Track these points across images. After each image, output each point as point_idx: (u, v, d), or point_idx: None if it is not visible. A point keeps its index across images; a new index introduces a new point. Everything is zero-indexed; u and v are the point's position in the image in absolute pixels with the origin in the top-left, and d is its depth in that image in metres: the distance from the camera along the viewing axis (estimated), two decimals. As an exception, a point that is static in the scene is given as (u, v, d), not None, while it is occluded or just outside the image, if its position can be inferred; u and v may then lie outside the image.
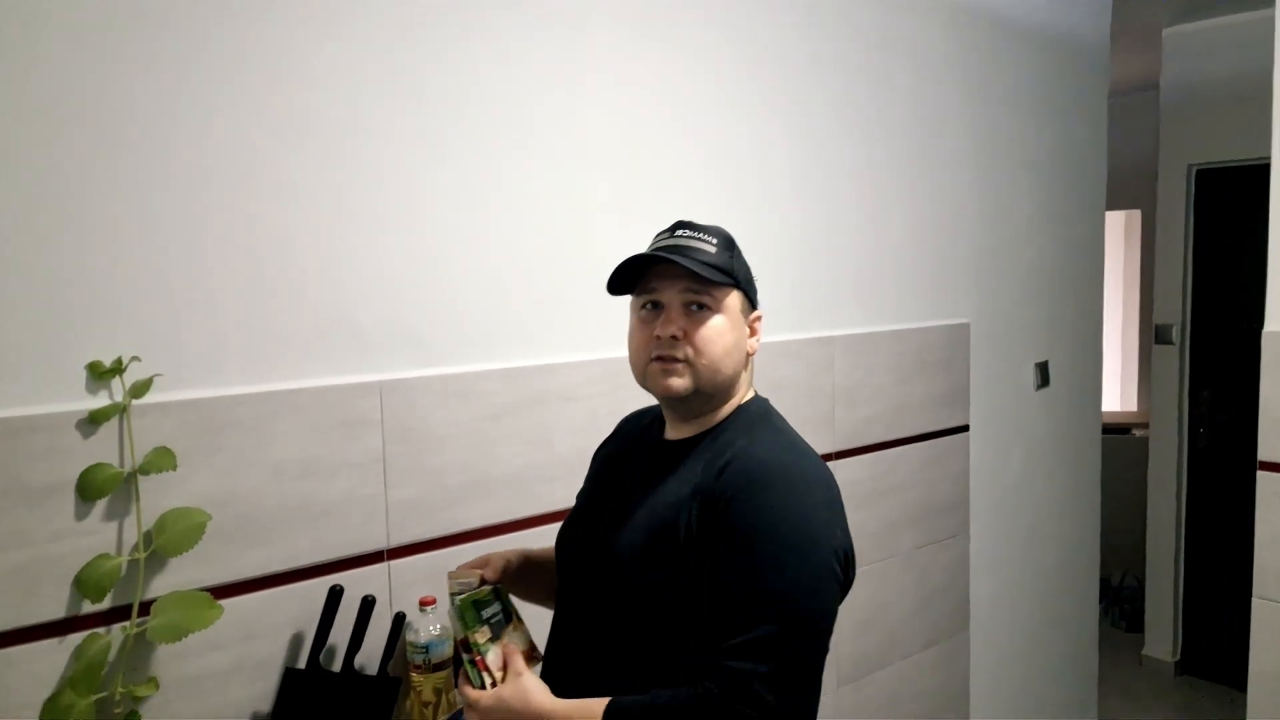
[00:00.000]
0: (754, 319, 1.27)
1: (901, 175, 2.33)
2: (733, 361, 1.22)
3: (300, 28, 1.42)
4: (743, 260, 1.27)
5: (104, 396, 1.28)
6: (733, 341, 1.21)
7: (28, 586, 1.23)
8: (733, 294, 1.22)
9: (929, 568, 2.44)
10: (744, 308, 1.25)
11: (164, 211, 1.32)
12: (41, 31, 1.22)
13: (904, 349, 2.34)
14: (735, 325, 1.22)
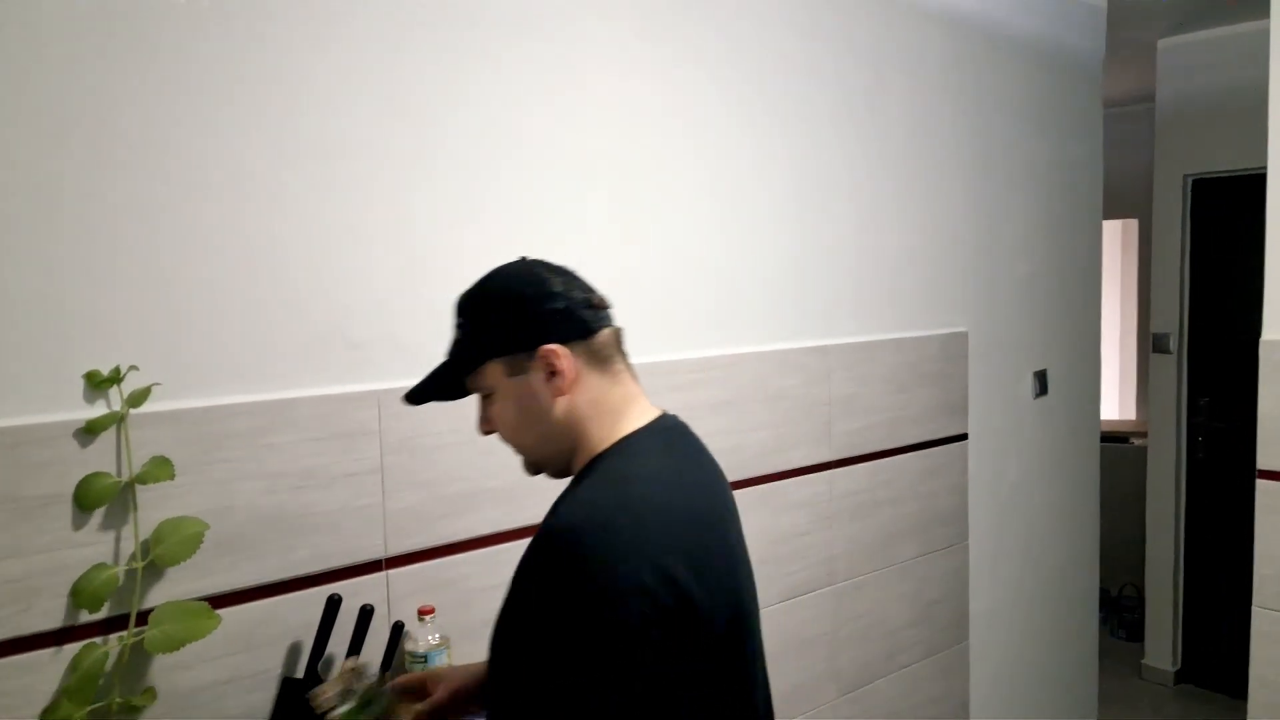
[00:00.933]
0: (542, 355, 1.06)
1: (898, 186, 2.34)
2: (534, 429, 1.09)
3: (295, 47, 1.43)
4: (495, 309, 1.10)
5: (101, 406, 1.29)
6: (516, 412, 1.08)
7: (24, 597, 1.23)
8: (487, 369, 1.09)
9: (928, 577, 2.44)
10: (511, 366, 1.08)
11: (162, 223, 1.33)
12: (41, 43, 1.23)
13: (901, 358, 2.35)
14: (511, 395, 1.08)
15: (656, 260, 1.89)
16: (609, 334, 1.11)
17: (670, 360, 1.89)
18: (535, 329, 1.07)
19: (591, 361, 1.08)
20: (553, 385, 1.06)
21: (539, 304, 1.07)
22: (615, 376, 1.10)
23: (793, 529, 2.13)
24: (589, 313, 1.09)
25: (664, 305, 1.90)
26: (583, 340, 1.07)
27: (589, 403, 1.07)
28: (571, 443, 1.08)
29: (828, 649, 2.21)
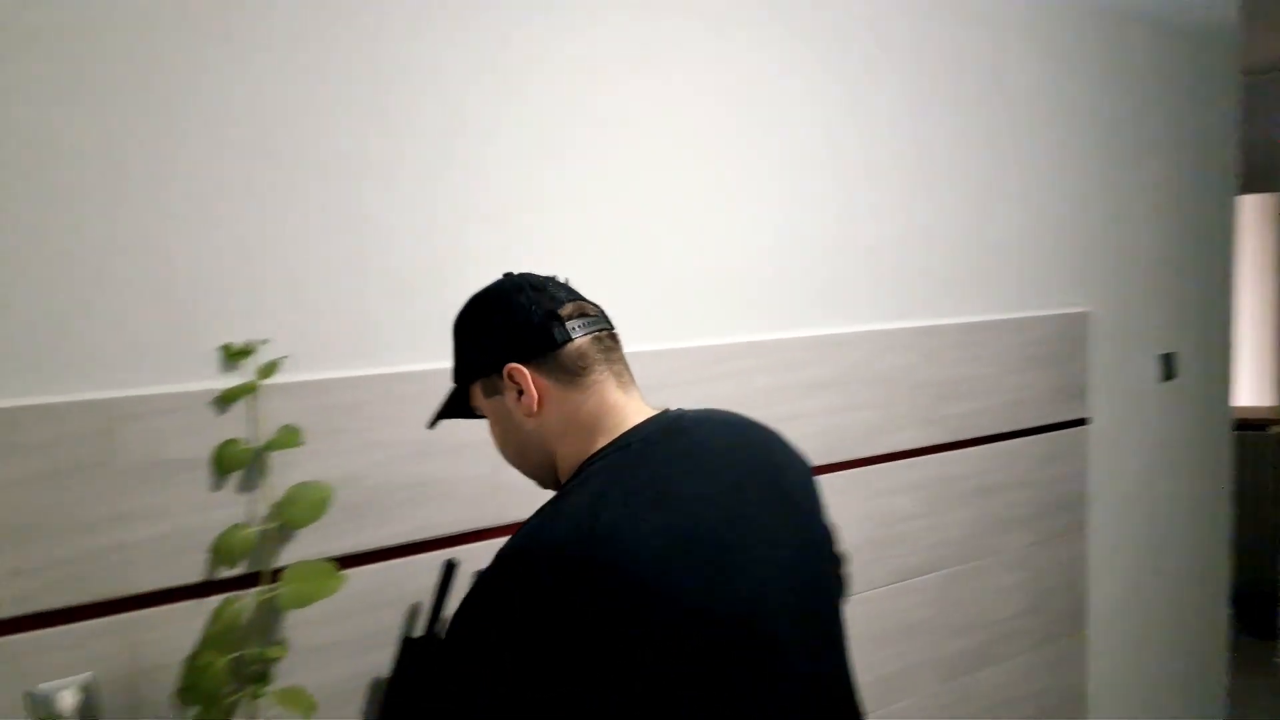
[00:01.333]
0: (506, 375, 1.07)
1: (1017, 158, 2.26)
2: (512, 446, 1.13)
3: (409, 32, 1.49)
4: (467, 333, 1.15)
5: (235, 377, 1.38)
6: (499, 431, 1.14)
7: (170, 553, 1.33)
8: (474, 389, 1.14)
9: (1042, 567, 2.37)
10: (486, 386, 1.11)
11: (287, 206, 1.41)
12: (161, 29, 1.32)
13: (1017, 339, 2.28)
14: (492, 413, 1.13)
15: (755, 239, 1.89)
16: (583, 344, 1.07)
17: (769, 340, 1.89)
18: (499, 349, 1.08)
19: (560, 376, 1.06)
20: (522, 404, 1.07)
21: (502, 323, 1.09)
22: (588, 389, 1.07)
23: (898, 513, 2.10)
24: (555, 325, 1.06)
25: (762, 285, 1.90)
26: (549, 356, 1.06)
27: (561, 419, 1.07)
28: (549, 459, 1.09)
29: (932, 636, 2.18)
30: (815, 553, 1.08)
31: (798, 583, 1.02)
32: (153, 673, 1.33)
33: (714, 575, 0.94)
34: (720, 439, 1.07)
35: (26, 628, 1.24)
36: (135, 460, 1.30)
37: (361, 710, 1.48)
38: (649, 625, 0.89)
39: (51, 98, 1.24)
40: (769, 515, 1.03)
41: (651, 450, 1.02)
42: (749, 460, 1.06)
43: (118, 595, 1.30)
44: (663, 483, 0.99)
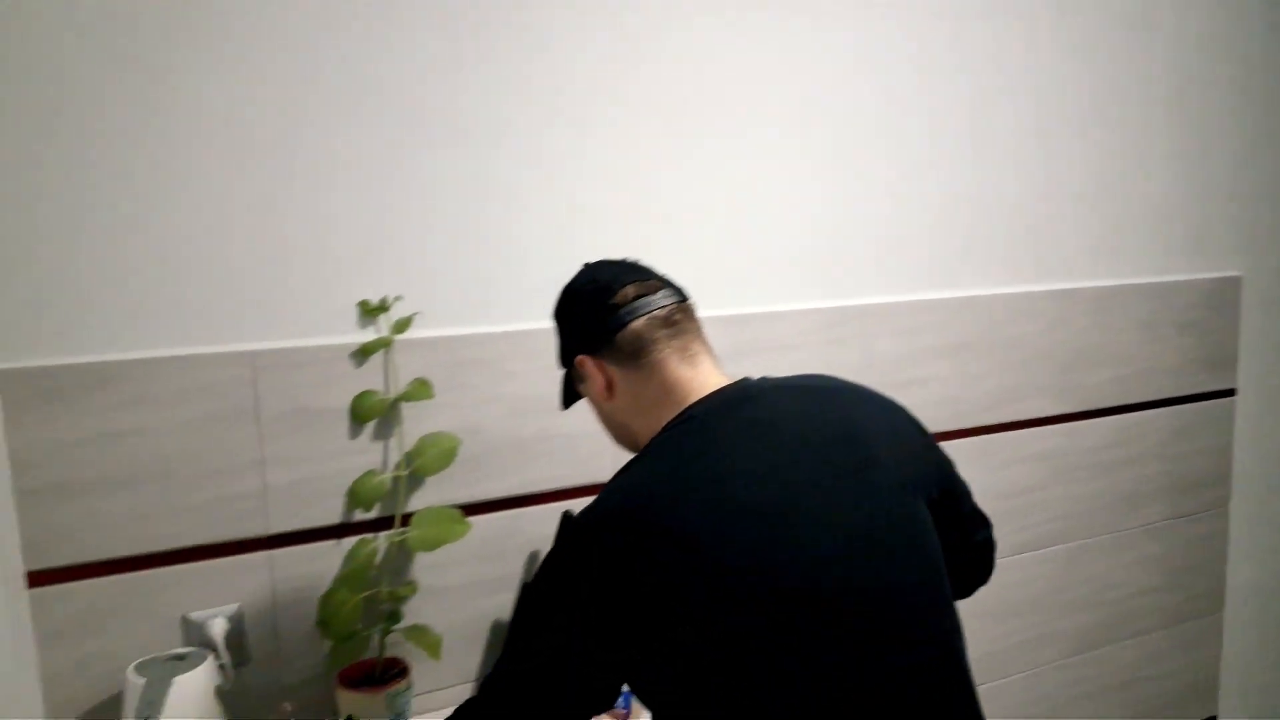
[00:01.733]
0: (578, 366, 1.14)
1: (1166, 115, 2.13)
2: (608, 427, 1.19)
3: (548, 1, 1.51)
4: (559, 326, 1.19)
5: (371, 332, 1.45)
6: (596, 413, 1.19)
7: (311, 495, 1.42)
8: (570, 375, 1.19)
9: (1176, 543, 2.26)
10: (576, 373, 1.16)
11: (422, 169, 1.46)
12: (323, 4, 1.38)
13: (1158, 304, 2.16)
14: (588, 396, 1.18)
15: (879, 199, 1.84)
16: (639, 326, 1.08)
17: (890, 303, 1.85)
18: (572, 341, 1.15)
19: (622, 361, 1.10)
20: (598, 391, 1.14)
21: (572, 317, 1.16)
22: (650, 370, 1.08)
23: (1021, 484, 2.04)
24: (609, 315, 1.09)
25: (885, 245, 1.86)
26: (609, 342, 1.10)
27: (631, 401, 1.11)
28: (633, 436, 1.13)
29: (1052, 610, 2.11)
30: (893, 522, 1.01)
31: (863, 554, 0.97)
32: (293, 606, 1.42)
33: (764, 548, 0.93)
34: (791, 408, 1.05)
35: (183, 560, 1.35)
36: (278, 408, 1.38)
37: (484, 651, 1.56)
38: (697, 599, 0.90)
39: (207, 67, 1.32)
40: (835, 487, 0.99)
41: (710, 424, 1.02)
42: (821, 430, 1.03)
43: (263, 534, 1.39)
44: (717, 456, 0.98)
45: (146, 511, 1.32)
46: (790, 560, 0.93)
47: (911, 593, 0.99)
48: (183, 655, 1.27)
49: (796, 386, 1.09)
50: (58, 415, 1.26)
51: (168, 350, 1.33)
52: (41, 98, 1.23)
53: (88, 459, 1.28)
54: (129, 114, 1.28)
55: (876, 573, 0.97)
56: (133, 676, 1.22)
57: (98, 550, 1.30)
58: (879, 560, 0.98)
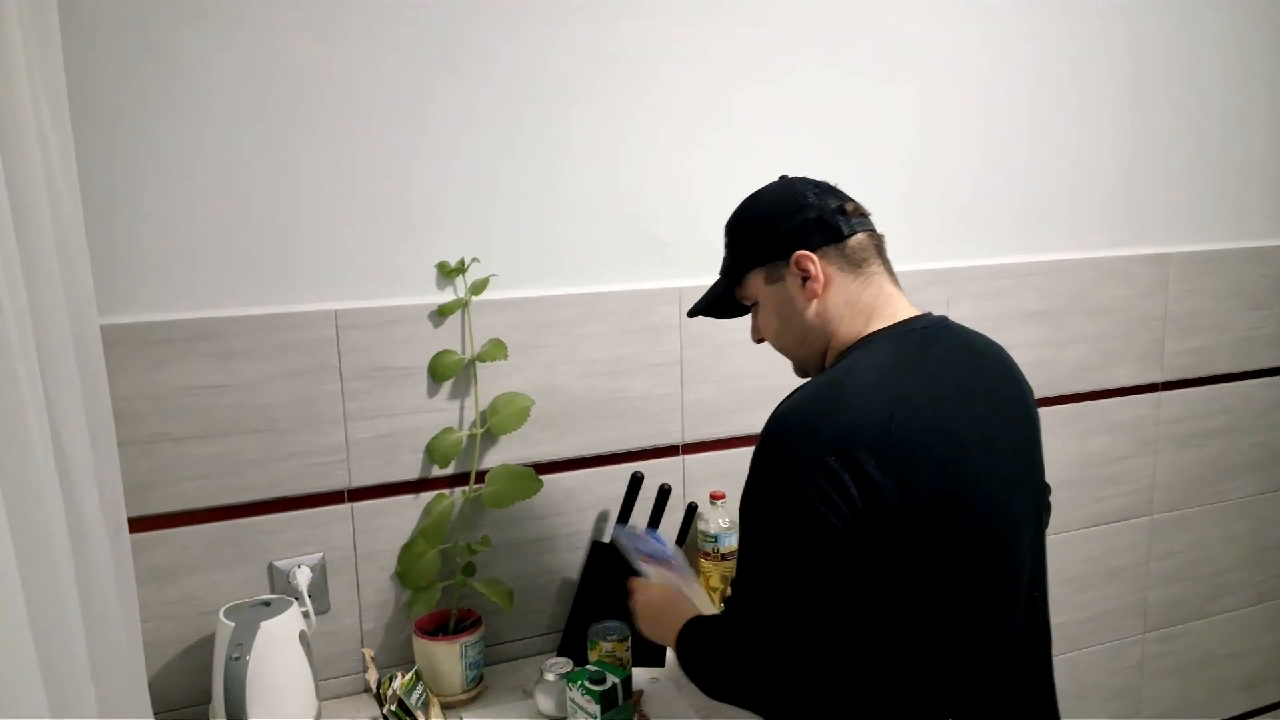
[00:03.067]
0: (795, 260, 1.11)
1: (1264, 70, 2.00)
2: (790, 334, 1.16)
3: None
4: (750, 225, 1.17)
5: (449, 293, 1.47)
6: (777, 320, 1.16)
7: (391, 450, 1.46)
8: (749, 281, 1.17)
9: (1268, 518, 2.18)
10: (769, 274, 1.15)
11: (499, 133, 1.46)
12: (403, -34, 1.38)
13: (1259, 271, 2.06)
14: (770, 302, 1.16)
15: (965, 159, 1.78)
16: (863, 239, 1.13)
17: (976, 266, 1.80)
18: (789, 238, 1.13)
19: (844, 265, 1.12)
20: (807, 289, 1.12)
21: (792, 215, 1.13)
22: (868, 278, 1.12)
23: (1109, 453, 1.98)
24: (841, 219, 1.12)
25: (970, 207, 1.80)
26: (835, 244, 1.11)
27: (842, 303, 1.12)
28: (825, 341, 1.13)
29: (1136, 582, 2.06)
30: (1040, 475, 1.16)
31: (1032, 497, 1.12)
32: (372, 557, 1.47)
33: (980, 463, 1.03)
34: (984, 347, 1.15)
35: (271, 511, 1.41)
36: (361, 366, 1.42)
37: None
38: (921, 487, 0.98)
39: (315, 33, 1.34)
40: (1016, 429, 1.12)
41: (930, 339, 1.09)
42: (1002, 373, 1.15)
43: (345, 487, 1.44)
44: (940, 370, 1.06)
45: (237, 463, 1.37)
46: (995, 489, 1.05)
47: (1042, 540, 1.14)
48: (269, 601, 1.33)
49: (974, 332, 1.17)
50: (157, 369, 1.32)
51: (259, 309, 1.37)
52: (151, 73, 1.27)
53: (183, 411, 1.34)
54: (234, 90, 1.31)
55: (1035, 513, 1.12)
56: (223, 620, 1.28)
57: (192, 499, 1.36)
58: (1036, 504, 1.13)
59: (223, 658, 1.25)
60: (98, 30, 1.25)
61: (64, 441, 0.94)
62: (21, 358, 0.80)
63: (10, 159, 0.89)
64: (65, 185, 1.04)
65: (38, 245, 0.93)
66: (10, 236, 0.82)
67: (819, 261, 1.11)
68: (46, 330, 0.93)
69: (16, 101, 0.90)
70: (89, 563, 0.97)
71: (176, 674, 1.38)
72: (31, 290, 0.90)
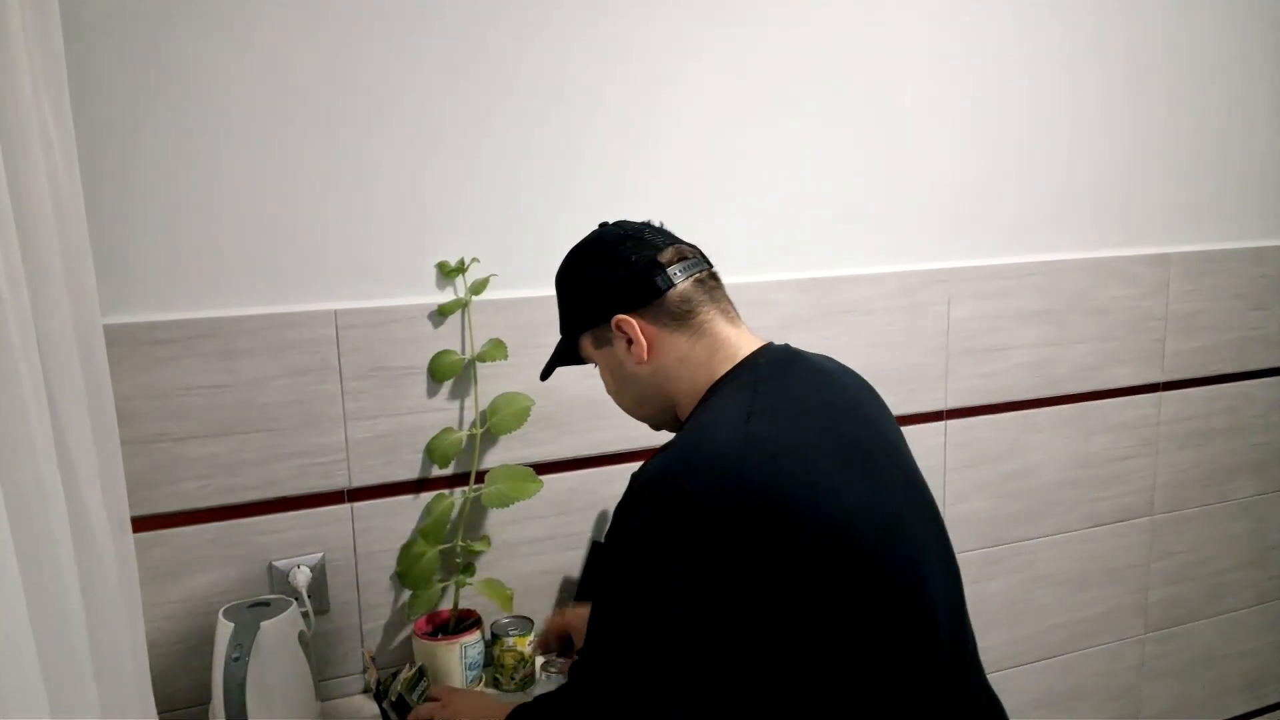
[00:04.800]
0: (615, 326, 1.07)
1: (1264, 68, 2.00)
2: (628, 393, 1.12)
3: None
4: (571, 286, 1.13)
5: (449, 293, 1.47)
6: (615, 382, 1.12)
7: (390, 450, 1.46)
8: (583, 340, 1.13)
9: (1269, 519, 2.18)
10: (595, 337, 1.11)
11: (499, 133, 1.46)
12: (403, -34, 1.38)
13: (1260, 270, 2.06)
14: (604, 363, 1.12)
15: (964, 158, 1.78)
16: (686, 288, 1.07)
17: (976, 266, 1.80)
18: (607, 301, 1.08)
19: (668, 321, 1.06)
20: (633, 353, 1.07)
21: (608, 277, 1.08)
22: (698, 330, 1.07)
23: (1108, 453, 1.98)
24: (658, 274, 1.06)
25: (970, 207, 1.80)
26: (654, 302, 1.06)
27: (675, 361, 1.07)
28: (667, 400, 1.09)
29: (1136, 582, 2.06)
30: (925, 486, 1.09)
31: (922, 501, 1.06)
32: (372, 557, 1.47)
33: (864, 482, 0.97)
34: (834, 367, 1.12)
35: (270, 511, 1.41)
36: (361, 366, 1.42)
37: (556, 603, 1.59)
38: (806, 531, 0.91)
39: (317, 33, 1.34)
40: (890, 438, 1.08)
41: (781, 368, 1.04)
42: (861, 389, 1.12)
43: (345, 487, 1.44)
44: (802, 394, 1.02)
45: (237, 463, 1.37)
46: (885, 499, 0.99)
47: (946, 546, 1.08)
48: (268, 601, 1.33)
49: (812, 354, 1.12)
50: (158, 369, 1.32)
51: (259, 308, 1.37)
52: (154, 72, 1.27)
53: (183, 411, 1.34)
54: (235, 90, 1.31)
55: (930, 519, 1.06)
56: (223, 620, 1.29)
57: (192, 499, 1.36)
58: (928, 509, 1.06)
59: (222, 658, 1.25)
60: (100, 29, 1.25)
61: (67, 440, 0.94)
62: (24, 357, 0.80)
63: (12, 158, 0.89)
64: (67, 184, 1.04)
65: (40, 244, 0.93)
66: (12, 235, 0.82)
67: (638, 324, 1.06)
68: (49, 329, 0.93)
69: (19, 100, 0.90)
70: (92, 561, 0.97)
71: (176, 674, 1.38)
72: (34, 289, 0.90)
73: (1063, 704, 2.03)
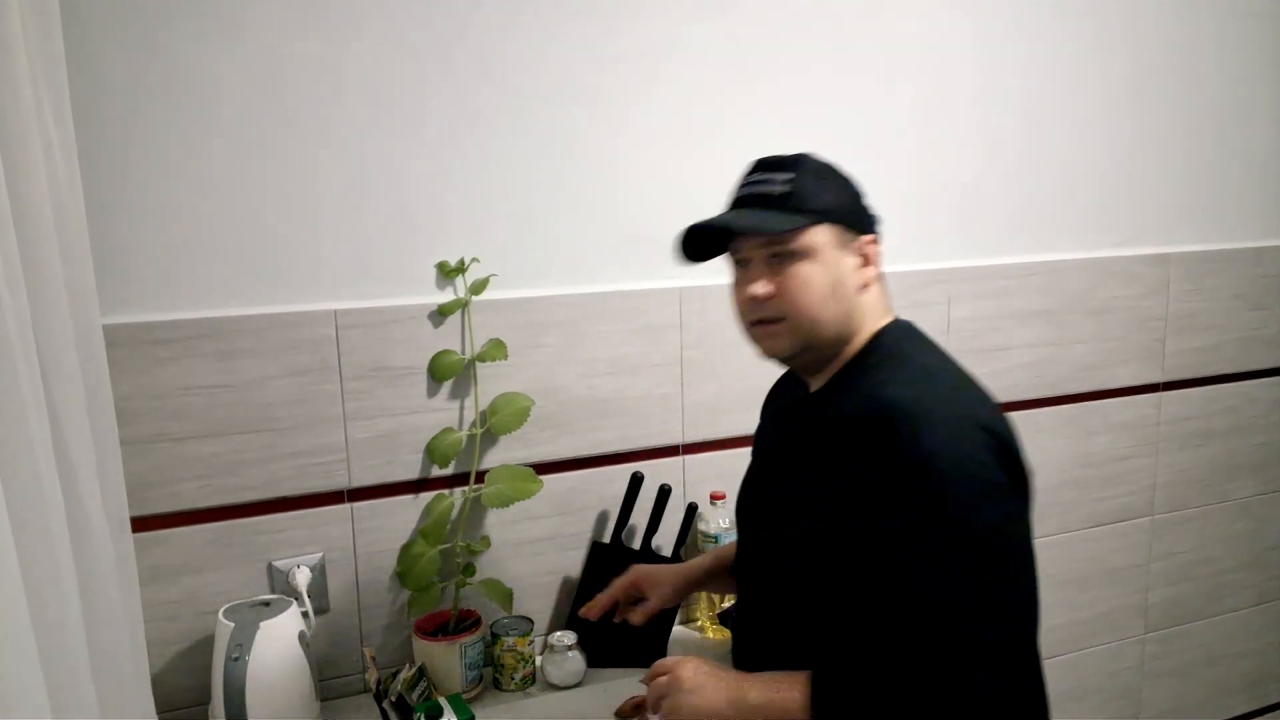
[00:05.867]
0: (865, 243, 1.07)
1: (1262, 70, 2.00)
2: (835, 306, 1.05)
3: (620, -55, 1.48)
4: (837, 183, 1.09)
5: (449, 293, 1.47)
6: (828, 285, 1.04)
7: (391, 450, 1.46)
8: (818, 230, 1.04)
9: (1269, 519, 2.18)
10: (840, 238, 1.06)
11: (499, 132, 1.46)
12: (403, -34, 1.38)
13: (1260, 270, 2.06)
14: (830, 264, 1.04)
15: (963, 158, 1.78)
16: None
17: (976, 266, 1.80)
18: (866, 216, 1.10)
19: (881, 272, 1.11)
20: (860, 275, 1.07)
21: (864, 196, 1.11)
22: (882, 280, 1.12)
23: (1109, 453, 1.98)
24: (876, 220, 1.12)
25: (969, 207, 1.80)
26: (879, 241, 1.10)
27: (875, 298, 1.10)
28: (853, 332, 1.08)
29: (1137, 582, 2.06)
30: None
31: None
32: (372, 557, 1.47)
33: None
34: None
35: (270, 511, 1.41)
36: (361, 366, 1.42)
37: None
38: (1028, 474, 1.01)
39: (316, 34, 1.34)
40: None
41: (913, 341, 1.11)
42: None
43: (345, 487, 1.44)
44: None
45: (237, 463, 1.37)
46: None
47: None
48: (269, 601, 1.33)
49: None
50: (158, 369, 1.32)
51: (259, 308, 1.37)
52: (153, 72, 1.27)
53: (183, 411, 1.34)
54: (235, 90, 1.31)
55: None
56: (223, 620, 1.29)
57: (192, 499, 1.36)
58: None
59: (222, 658, 1.26)
60: (99, 29, 1.25)
61: (66, 440, 0.94)
62: (22, 356, 0.80)
63: (12, 158, 0.89)
64: (67, 184, 1.04)
65: (39, 244, 0.93)
66: (11, 235, 0.82)
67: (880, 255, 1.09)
68: (48, 329, 0.93)
69: (18, 100, 0.90)
70: (91, 561, 0.97)
71: (176, 674, 1.38)
72: (33, 289, 0.90)
73: (1063, 704, 2.03)
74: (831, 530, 1.00)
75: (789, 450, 1.15)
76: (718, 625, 1.60)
